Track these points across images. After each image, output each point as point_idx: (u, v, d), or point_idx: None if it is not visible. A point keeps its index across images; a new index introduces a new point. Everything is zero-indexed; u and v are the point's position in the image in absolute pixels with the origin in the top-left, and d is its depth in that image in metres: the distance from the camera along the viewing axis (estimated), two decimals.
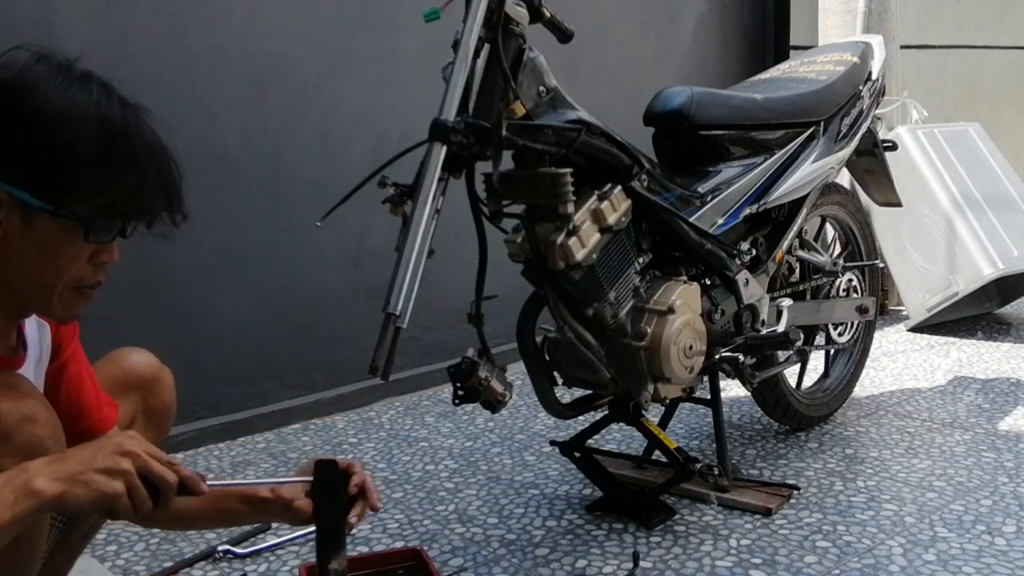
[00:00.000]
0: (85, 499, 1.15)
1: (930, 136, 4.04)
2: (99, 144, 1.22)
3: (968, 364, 3.53)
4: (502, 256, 2.11)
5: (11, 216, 1.22)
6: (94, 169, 1.22)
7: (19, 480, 1.13)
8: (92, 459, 1.16)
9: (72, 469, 1.15)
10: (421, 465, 2.69)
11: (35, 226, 1.23)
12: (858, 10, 4.07)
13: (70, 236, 1.24)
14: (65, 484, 1.14)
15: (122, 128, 1.24)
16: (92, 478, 1.15)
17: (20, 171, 1.20)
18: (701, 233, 2.28)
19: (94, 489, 1.15)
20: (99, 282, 1.31)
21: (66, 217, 1.23)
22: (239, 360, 2.95)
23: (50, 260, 1.25)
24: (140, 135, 1.26)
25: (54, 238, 1.24)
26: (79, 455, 1.17)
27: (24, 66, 1.22)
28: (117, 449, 1.18)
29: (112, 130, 1.23)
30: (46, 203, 1.21)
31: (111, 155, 1.22)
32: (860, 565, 2.05)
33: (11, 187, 1.20)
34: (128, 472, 1.17)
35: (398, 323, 1.72)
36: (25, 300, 1.29)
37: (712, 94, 2.42)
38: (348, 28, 3.09)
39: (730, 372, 2.38)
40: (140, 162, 1.25)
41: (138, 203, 1.26)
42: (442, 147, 1.82)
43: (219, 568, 2.12)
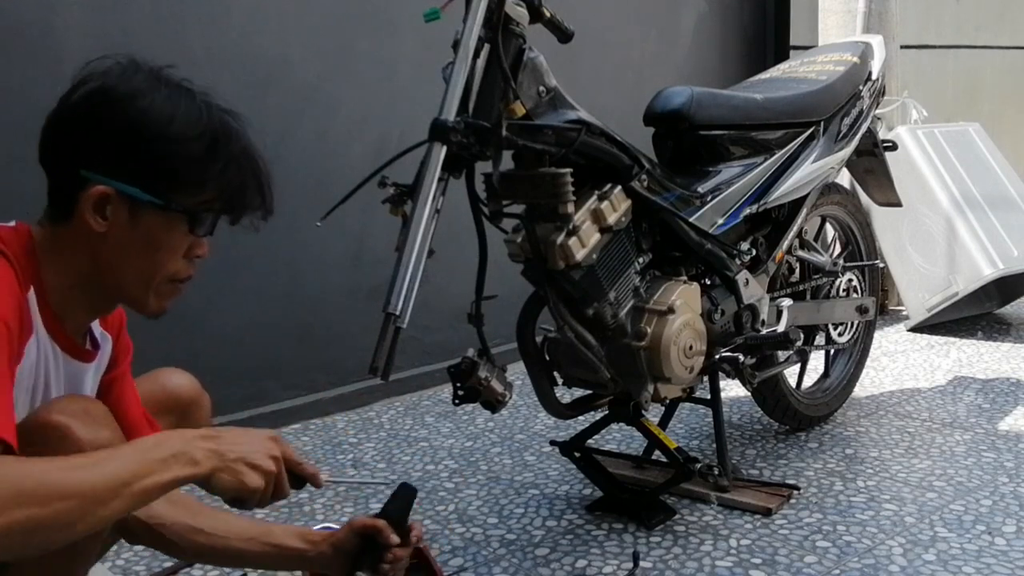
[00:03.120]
0: (229, 485, 1.23)
1: (930, 136, 4.04)
2: (205, 143, 1.30)
3: (968, 364, 3.53)
4: (502, 256, 2.11)
5: (118, 212, 1.28)
6: (200, 166, 1.30)
7: (178, 446, 1.19)
8: (246, 449, 1.25)
9: (227, 454, 1.22)
10: (421, 465, 2.69)
11: (142, 220, 1.30)
12: (858, 10, 4.07)
13: (174, 229, 1.32)
14: (218, 464, 1.21)
15: (223, 130, 1.33)
16: (242, 469, 1.23)
17: (130, 169, 1.28)
18: (701, 233, 2.28)
19: (240, 480, 1.23)
20: (190, 275, 1.39)
21: (175, 211, 1.30)
22: (239, 360, 2.95)
23: (153, 253, 1.32)
24: (239, 137, 1.35)
25: (160, 231, 1.31)
26: (233, 441, 1.25)
27: (124, 74, 1.31)
28: (268, 449, 1.28)
29: (215, 131, 1.32)
30: (156, 197, 1.29)
31: (216, 154, 1.31)
32: (860, 565, 2.05)
33: (122, 183, 1.27)
34: (271, 473, 1.27)
35: (398, 323, 1.72)
36: (122, 292, 1.36)
37: (712, 94, 2.42)
38: (348, 28, 3.09)
39: (730, 372, 2.38)
40: (240, 161, 1.34)
41: (239, 199, 1.35)
42: (442, 147, 1.82)
43: (219, 568, 2.11)
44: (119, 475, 1.12)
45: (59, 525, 1.07)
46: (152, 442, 1.19)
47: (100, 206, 1.28)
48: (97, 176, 1.27)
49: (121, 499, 1.12)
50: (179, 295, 1.39)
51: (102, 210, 1.28)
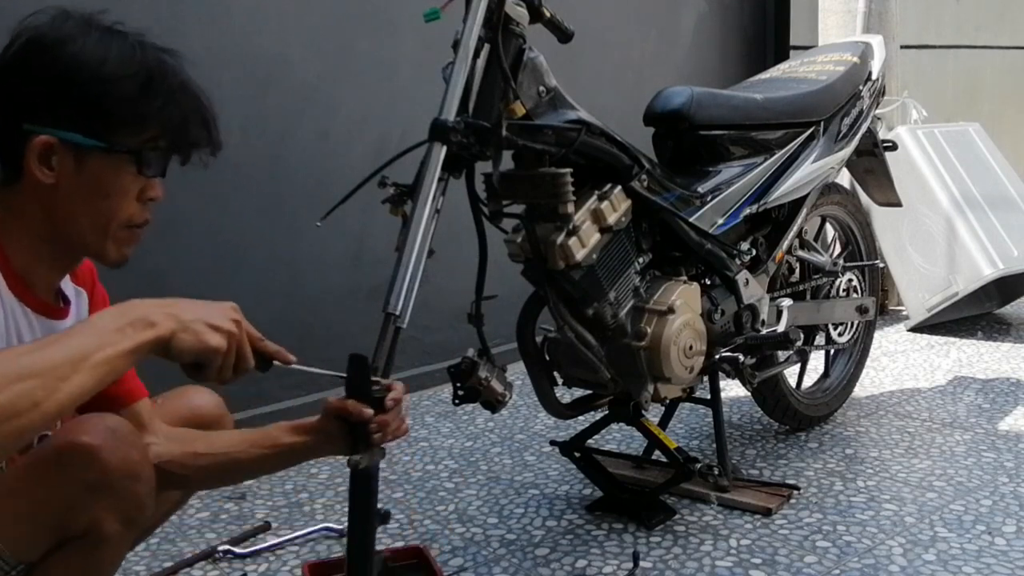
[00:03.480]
0: (189, 346, 1.21)
1: (930, 136, 4.04)
2: (140, 81, 1.30)
3: (968, 364, 3.54)
4: (502, 256, 2.11)
5: (64, 160, 1.28)
6: (139, 104, 1.30)
7: (135, 313, 1.19)
8: (204, 313, 1.24)
9: (184, 316, 1.21)
10: (421, 465, 2.69)
11: (88, 166, 1.29)
12: (858, 10, 4.07)
13: (122, 172, 1.32)
14: (177, 326, 1.20)
15: (158, 67, 1.32)
16: (201, 329, 1.22)
17: (69, 115, 1.27)
18: (701, 233, 2.28)
19: (201, 340, 1.22)
20: (147, 220, 1.38)
21: (119, 152, 1.30)
22: None
23: (104, 199, 1.32)
24: (176, 72, 1.35)
25: (107, 175, 1.31)
26: (190, 306, 1.24)
27: (54, 22, 1.30)
28: (227, 312, 1.27)
29: (150, 68, 1.31)
30: (98, 140, 1.28)
31: (152, 90, 1.30)
32: (860, 565, 2.05)
33: (63, 131, 1.27)
34: (234, 334, 1.26)
35: (398, 323, 1.72)
36: (80, 244, 1.35)
37: (712, 94, 2.42)
38: (348, 28, 3.09)
39: (730, 372, 2.38)
40: (179, 95, 1.33)
41: (181, 135, 1.34)
42: (442, 147, 1.82)
43: (219, 568, 2.12)
44: (78, 350, 1.12)
45: (24, 407, 1.06)
46: (109, 314, 1.19)
47: (45, 157, 1.28)
48: (38, 127, 1.27)
49: (82, 373, 1.11)
50: (138, 241, 1.39)
51: (48, 161, 1.28)
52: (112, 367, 1.15)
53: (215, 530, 2.29)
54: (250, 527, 2.27)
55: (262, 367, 1.35)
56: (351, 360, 1.56)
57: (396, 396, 1.55)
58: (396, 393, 1.56)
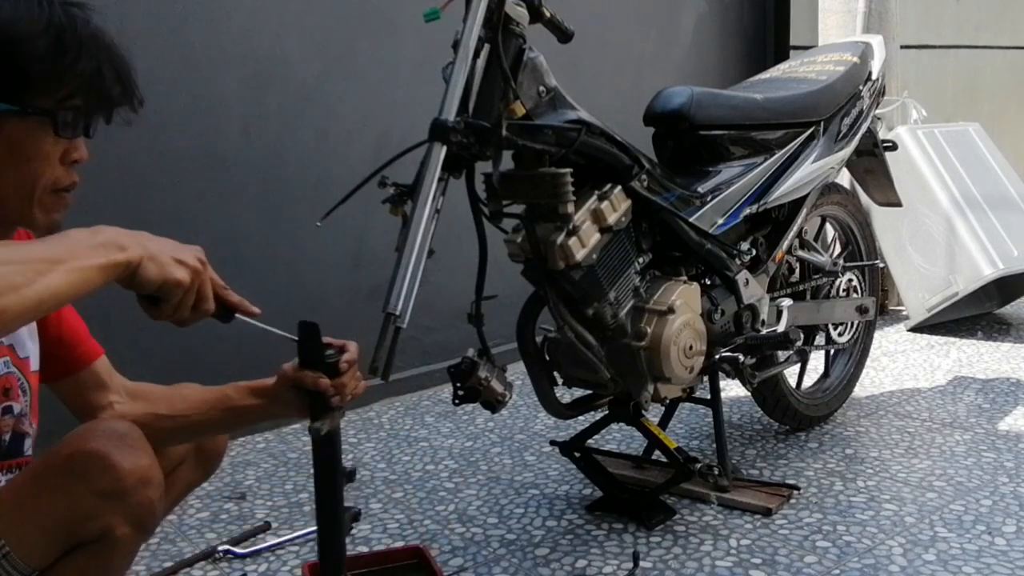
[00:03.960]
0: (154, 275, 1.21)
1: (930, 136, 4.04)
2: (49, 39, 1.26)
3: (968, 364, 3.54)
4: (502, 256, 2.11)
5: None
6: (49, 62, 1.27)
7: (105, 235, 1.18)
8: (170, 246, 1.24)
9: (151, 247, 1.21)
10: (421, 465, 2.69)
11: (4, 132, 1.27)
12: (858, 10, 4.07)
13: (39, 135, 1.29)
14: (144, 253, 1.20)
15: (68, 23, 1.29)
16: (166, 260, 1.22)
17: None
18: (701, 233, 2.28)
19: (165, 271, 1.22)
20: (74, 183, 1.35)
21: (32, 114, 1.27)
22: (239, 360, 2.93)
23: (24, 164, 1.29)
24: (86, 27, 1.31)
25: (25, 139, 1.28)
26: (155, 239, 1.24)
27: None
28: (193, 251, 1.26)
29: (59, 25, 1.28)
30: (11, 105, 1.26)
31: (62, 47, 1.27)
32: (860, 565, 2.05)
33: None
34: (198, 271, 1.26)
35: (398, 323, 1.72)
36: (6, 211, 1.33)
37: (712, 94, 2.42)
38: (348, 28, 3.09)
39: (730, 372, 2.38)
40: (90, 50, 1.30)
41: (96, 91, 1.31)
42: (442, 147, 1.82)
43: (219, 568, 2.12)
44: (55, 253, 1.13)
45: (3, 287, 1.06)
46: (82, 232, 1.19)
47: None
48: None
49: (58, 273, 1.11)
50: (67, 206, 1.36)
51: None
52: (85, 278, 1.15)
53: (215, 530, 2.29)
54: (250, 527, 2.27)
55: (223, 316, 1.35)
56: (301, 327, 1.53)
57: (350, 358, 1.53)
58: (350, 354, 1.53)
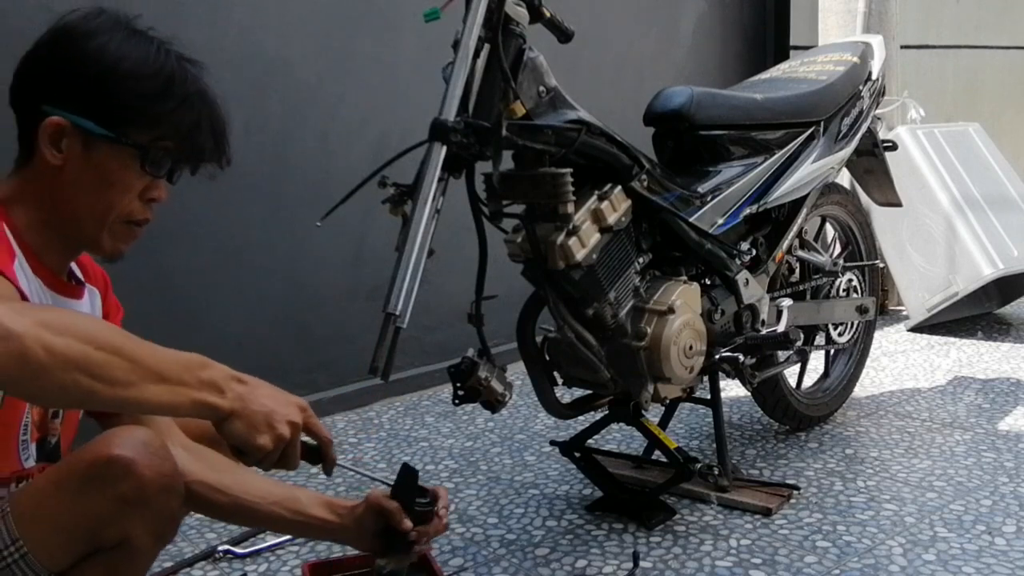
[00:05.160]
0: (239, 435, 1.22)
1: (930, 136, 4.04)
2: (159, 82, 1.34)
3: (968, 364, 3.53)
4: (502, 256, 2.11)
5: (73, 145, 1.32)
6: (153, 103, 1.34)
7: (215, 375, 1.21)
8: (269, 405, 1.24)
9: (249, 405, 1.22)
10: (421, 465, 2.69)
11: (95, 155, 1.33)
12: (858, 10, 4.07)
13: (127, 166, 1.34)
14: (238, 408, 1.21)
15: (179, 72, 1.37)
16: (257, 422, 1.23)
17: (84, 103, 1.31)
18: (701, 233, 2.28)
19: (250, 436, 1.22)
20: (147, 219, 1.40)
21: (126, 145, 1.33)
22: (239, 360, 2.90)
23: (106, 189, 1.34)
24: (195, 81, 1.39)
25: (112, 166, 1.34)
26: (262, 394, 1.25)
27: (87, 15, 1.36)
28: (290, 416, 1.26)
29: (171, 72, 1.36)
30: (109, 131, 1.32)
31: (169, 93, 1.35)
32: (860, 565, 2.05)
33: (76, 116, 1.31)
34: (283, 438, 1.25)
35: (398, 323, 1.72)
36: (77, 230, 1.37)
37: (712, 94, 2.42)
38: (348, 28, 3.09)
39: (730, 372, 2.39)
40: (194, 103, 1.37)
41: (190, 142, 1.37)
42: (442, 147, 1.82)
43: (219, 568, 2.12)
44: (170, 369, 1.16)
45: (107, 377, 1.09)
46: (198, 361, 1.21)
47: (56, 138, 1.31)
48: (54, 109, 1.31)
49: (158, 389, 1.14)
50: (135, 239, 1.41)
51: (58, 142, 1.31)
52: (176, 404, 1.17)
53: (215, 530, 2.29)
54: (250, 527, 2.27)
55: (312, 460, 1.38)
56: (402, 469, 1.58)
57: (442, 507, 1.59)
58: (442, 501, 1.60)
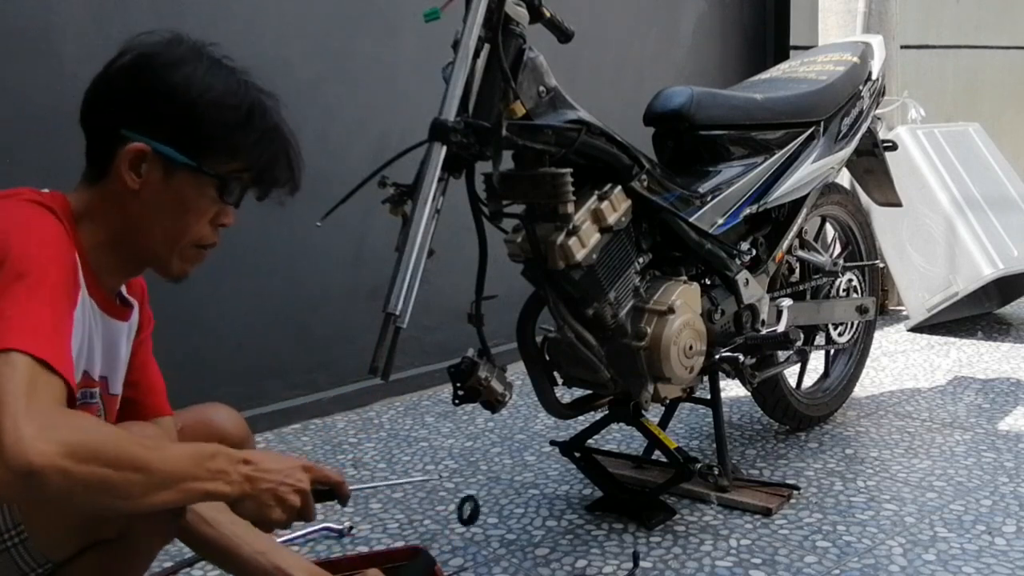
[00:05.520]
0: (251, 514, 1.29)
1: (930, 136, 4.04)
2: (241, 114, 1.36)
3: (968, 364, 3.53)
4: (502, 256, 2.11)
5: (153, 170, 1.34)
6: (235, 135, 1.36)
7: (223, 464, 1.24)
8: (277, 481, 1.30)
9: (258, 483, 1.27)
10: (421, 465, 2.69)
11: (174, 181, 1.35)
12: (858, 10, 4.07)
13: (204, 193, 1.37)
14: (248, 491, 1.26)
15: (260, 105, 1.40)
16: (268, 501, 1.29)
17: (167, 130, 1.33)
18: (701, 233, 2.28)
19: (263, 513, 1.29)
20: (215, 243, 1.43)
21: (207, 175, 1.36)
22: (239, 360, 2.95)
23: (182, 214, 1.37)
24: (274, 114, 1.42)
25: (190, 193, 1.36)
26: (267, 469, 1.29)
27: (169, 44, 1.38)
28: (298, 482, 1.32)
29: (252, 105, 1.38)
30: (190, 159, 1.34)
31: (250, 125, 1.37)
32: (860, 565, 2.05)
33: (159, 143, 1.33)
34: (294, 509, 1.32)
35: (398, 323, 1.72)
36: (148, 252, 1.40)
37: (712, 94, 2.42)
38: (348, 29, 3.09)
39: (730, 372, 2.39)
40: (273, 136, 1.41)
41: (267, 174, 1.41)
42: (442, 147, 1.82)
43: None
44: (181, 468, 1.19)
45: (122, 494, 1.13)
46: (209, 451, 1.24)
47: (136, 163, 1.33)
48: (136, 135, 1.33)
49: (173, 491, 1.17)
50: (201, 261, 1.44)
51: (137, 167, 1.33)
52: (189, 498, 1.22)
53: None
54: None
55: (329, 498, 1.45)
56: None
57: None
58: None
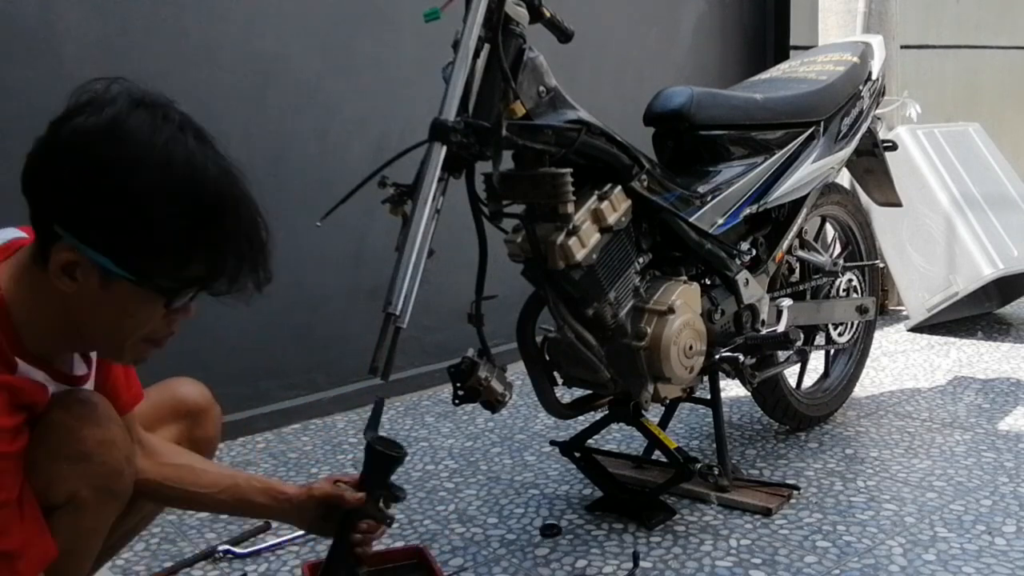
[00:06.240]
0: None
1: (930, 136, 4.04)
2: (191, 221, 1.16)
3: (968, 364, 3.53)
4: (502, 256, 2.11)
5: (88, 277, 1.18)
6: (183, 245, 1.18)
7: None
8: None
9: None
10: (421, 465, 2.69)
11: (113, 289, 1.19)
12: (858, 10, 4.07)
13: (148, 302, 1.22)
14: None
15: (215, 202, 1.18)
16: None
17: (104, 237, 1.16)
18: (701, 233, 2.28)
19: None
20: (171, 334, 1.30)
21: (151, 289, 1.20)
22: (239, 360, 2.95)
23: (125, 320, 1.23)
24: (234, 206, 1.20)
25: (132, 302, 1.21)
26: None
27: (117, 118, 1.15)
28: None
29: (204, 205, 1.17)
30: (129, 273, 1.18)
31: (202, 232, 1.18)
32: (860, 565, 2.05)
33: (93, 252, 1.16)
34: None
35: (398, 323, 1.72)
36: (92, 347, 1.33)
37: (712, 94, 2.42)
38: (348, 28, 3.09)
39: (730, 372, 2.38)
40: (231, 238, 1.21)
41: (224, 277, 1.23)
42: (442, 147, 1.82)
43: (219, 568, 2.12)
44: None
45: None
46: None
47: (69, 269, 1.18)
48: (69, 236, 1.15)
49: None
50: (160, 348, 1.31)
51: (71, 273, 1.18)
52: None
53: (215, 530, 2.29)
54: (250, 527, 2.27)
55: None
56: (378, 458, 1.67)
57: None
58: None
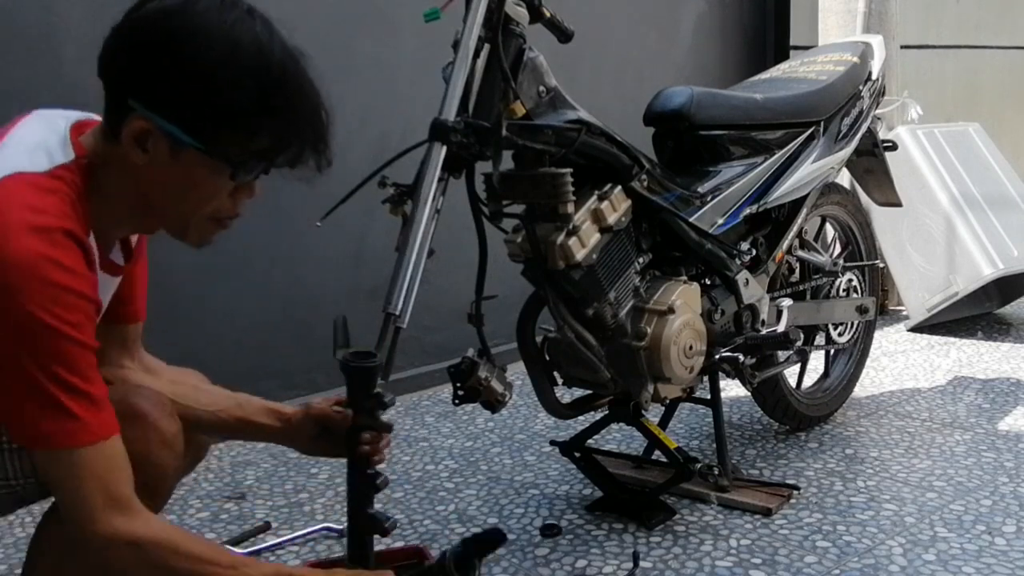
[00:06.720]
0: None
1: (930, 136, 4.04)
2: (258, 92, 1.21)
3: (968, 364, 3.53)
4: (502, 256, 2.11)
5: (159, 147, 1.23)
6: (250, 116, 1.22)
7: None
8: None
9: None
10: (421, 465, 2.69)
11: (182, 159, 1.23)
12: (858, 10, 4.07)
13: (216, 173, 1.26)
14: None
15: (281, 77, 1.24)
16: None
17: (175, 107, 1.20)
18: (701, 233, 2.28)
19: None
20: (236, 214, 1.33)
21: (217, 158, 1.24)
22: (239, 360, 2.94)
23: (192, 192, 1.27)
24: (298, 84, 1.26)
25: (199, 173, 1.25)
26: None
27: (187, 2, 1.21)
28: None
29: (271, 79, 1.23)
30: (197, 141, 1.22)
31: (268, 104, 1.22)
32: (860, 565, 2.05)
33: (163, 121, 1.21)
34: None
35: (398, 323, 1.72)
36: (162, 223, 1.33)
37: (712, 94, 2.42)
38: (348, 28, 3.09)
39: (730, 372, 2.39)
40: (295, 113, 1.26)
41: (288, 152, 1.27)
42: (442, 147, 1.82)
43: None
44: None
45: None
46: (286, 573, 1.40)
47: (141, 139, 1.22)
48: (141, 107, 1.21)
49: None
50: (224, 230, 1.34)
51: (143, 143, 1.23)
52: None
53: (215, 530, 2.29)
54: (250, 527, 2.27)
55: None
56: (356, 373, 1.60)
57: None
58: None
